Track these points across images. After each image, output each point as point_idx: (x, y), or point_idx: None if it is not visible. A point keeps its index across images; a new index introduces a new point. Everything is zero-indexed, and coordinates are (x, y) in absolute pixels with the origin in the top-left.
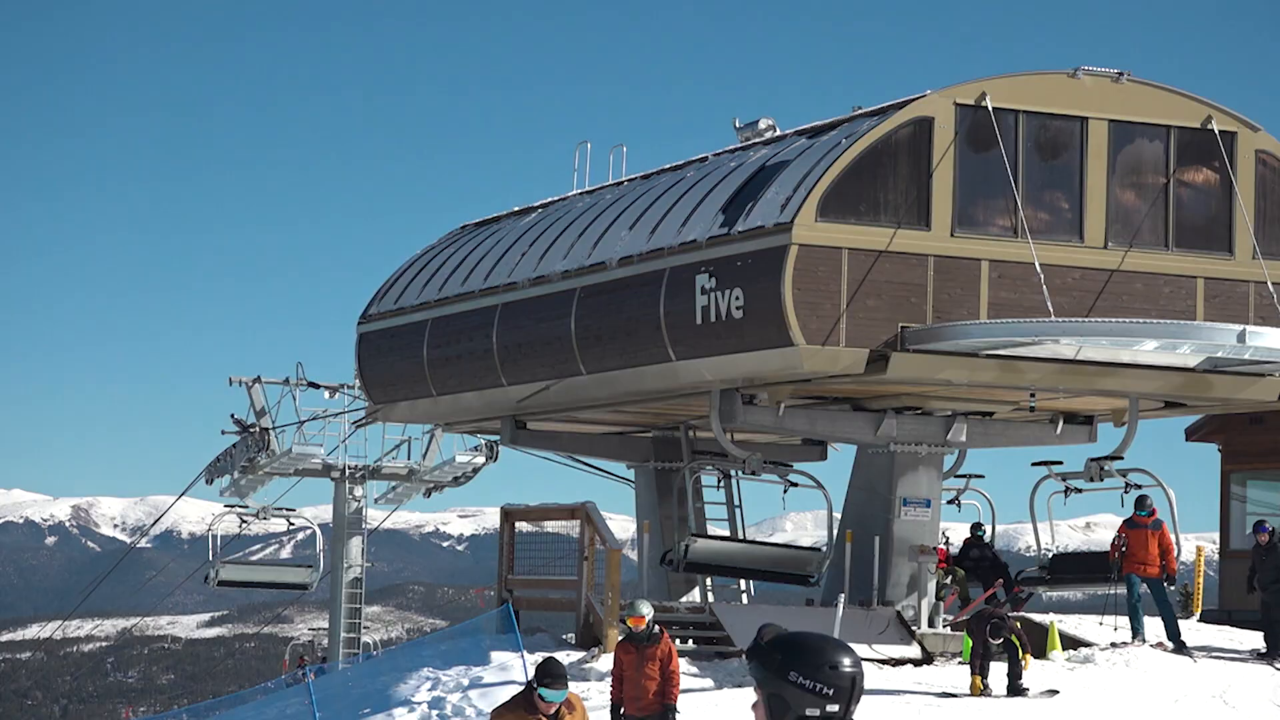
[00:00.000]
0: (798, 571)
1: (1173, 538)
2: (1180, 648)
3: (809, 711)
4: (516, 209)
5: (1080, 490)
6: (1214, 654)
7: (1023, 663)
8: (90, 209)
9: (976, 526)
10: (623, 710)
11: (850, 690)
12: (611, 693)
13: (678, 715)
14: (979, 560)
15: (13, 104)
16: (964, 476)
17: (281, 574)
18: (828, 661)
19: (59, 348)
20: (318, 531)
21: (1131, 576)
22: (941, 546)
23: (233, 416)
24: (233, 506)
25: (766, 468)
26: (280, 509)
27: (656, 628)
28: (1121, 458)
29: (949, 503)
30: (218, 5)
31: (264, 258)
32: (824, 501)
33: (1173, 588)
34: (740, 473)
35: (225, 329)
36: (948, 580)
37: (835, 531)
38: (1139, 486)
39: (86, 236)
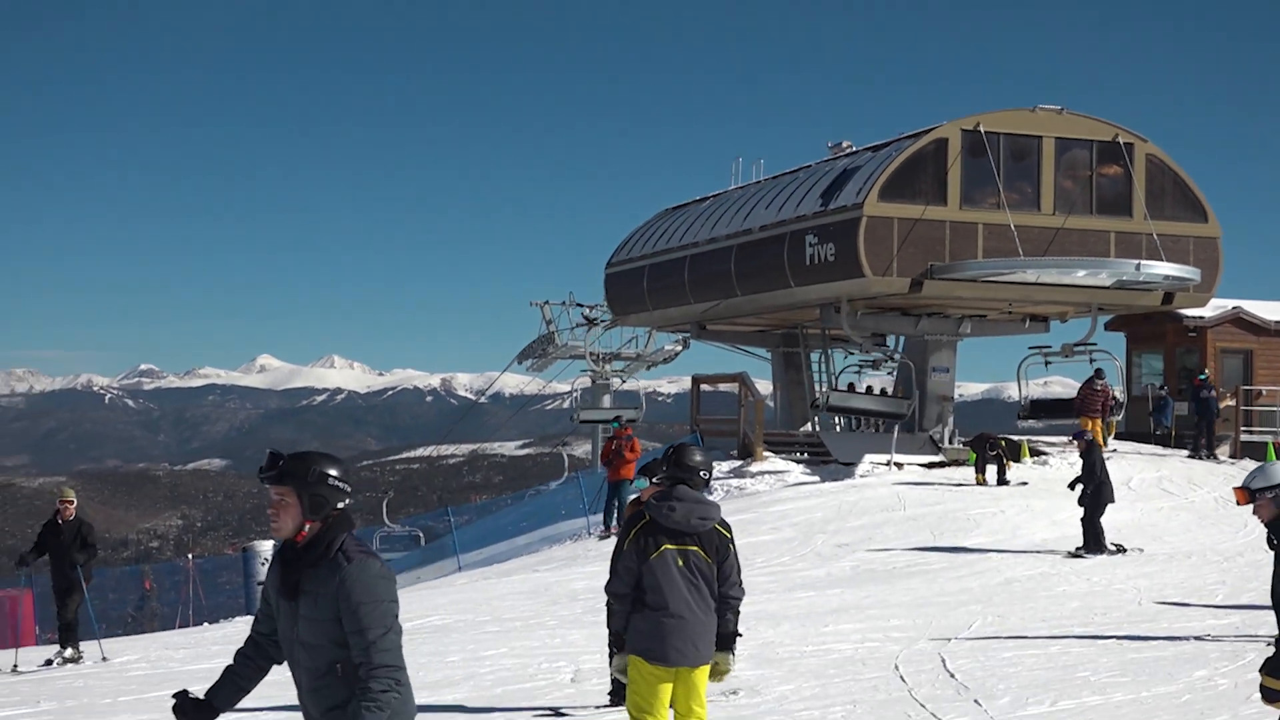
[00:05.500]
0: (896, 411)
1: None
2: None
3: (339, 504)
4: (698, 198)
5: (1051, 362)
6: (1126, 454)
7: (1006, 465)
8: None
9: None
10: None
11: (352, 488)
12: None
13: None
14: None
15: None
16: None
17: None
18: (346, 469)
19: (437, 273)
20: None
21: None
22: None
23: None
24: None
25: (874, 347)
26: None
27: None
28: (1092, 343)
29: (1090, 361)
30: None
31: (551, 225)
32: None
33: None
34: (859, 350)
35: (529, 266)
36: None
37: (911, 385)
38: (1095, 360)
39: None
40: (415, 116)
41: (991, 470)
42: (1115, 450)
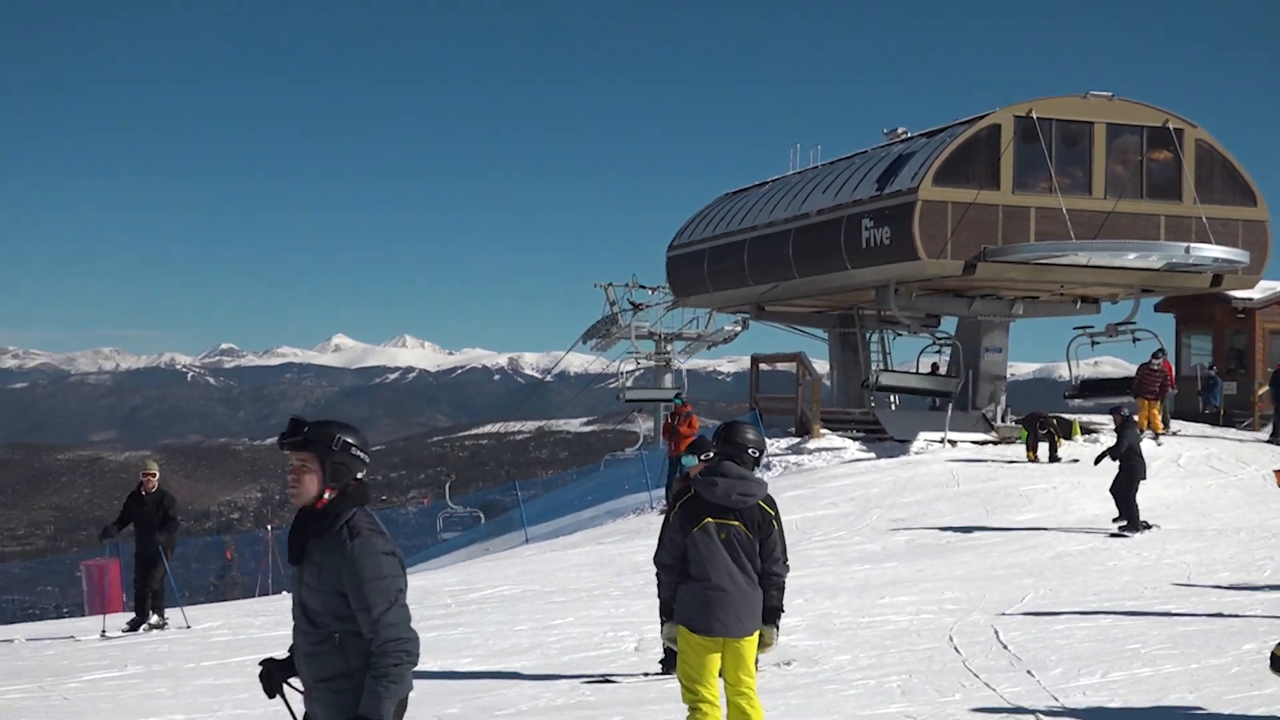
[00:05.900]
0: (944, 390)
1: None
2: None
3: (359, 474)
4: (758, 183)
5: (1097, 342)
6: (1178, 434)
7: (1058, 443)
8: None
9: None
10: None
11: (370, 457)
12: None
13: None
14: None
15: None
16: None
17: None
18: (364, 438)
19: (505, 256)
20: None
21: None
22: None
23: None
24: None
25: (922, 329)
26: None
27: None
28: (1133, 322)
29: (1134, 341)
30: None
31: (616, 210)
32: (946, 351)
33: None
34: (906, 332)
35: (595, 249)
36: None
37: (961, 366)
38: (1139, 339)
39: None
40: (485, 110)
41: (1043, 448)
42: (1178, 431)
